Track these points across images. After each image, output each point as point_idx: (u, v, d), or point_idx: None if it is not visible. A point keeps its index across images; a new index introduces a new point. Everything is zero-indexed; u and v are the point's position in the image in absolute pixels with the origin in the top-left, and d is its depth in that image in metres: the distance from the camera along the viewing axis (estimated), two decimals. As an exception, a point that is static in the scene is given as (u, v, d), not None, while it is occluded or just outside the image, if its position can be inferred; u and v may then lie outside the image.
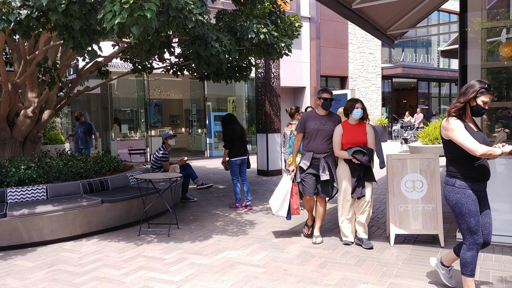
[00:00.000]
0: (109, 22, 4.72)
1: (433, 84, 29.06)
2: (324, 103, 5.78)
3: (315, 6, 20.68)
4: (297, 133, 5.91)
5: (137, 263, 5.17)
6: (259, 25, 7.41)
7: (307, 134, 5.78)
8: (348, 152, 5.46)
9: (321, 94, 5.80)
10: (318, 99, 5.80)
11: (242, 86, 19.08)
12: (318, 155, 5.71)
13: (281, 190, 5.89)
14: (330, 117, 5.81)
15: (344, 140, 5.56)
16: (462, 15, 5.71)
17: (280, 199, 5.84)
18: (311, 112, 5.90)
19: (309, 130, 5.73)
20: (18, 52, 7.93)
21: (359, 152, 5.41)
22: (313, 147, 5.72)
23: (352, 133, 5.58)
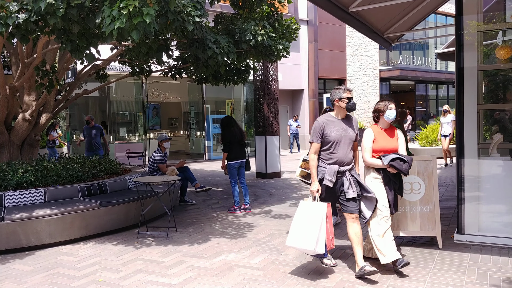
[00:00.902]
0: (108, 27, 4.73)
1: (431, 86, 29.11)
2: (349, 104, 4.75)
3: (313, 9, 20.72)
4: (312, 144, 4.77)
5: (136, 266, 5.17)
6: (257, 27, 7.43)
7: (327, 144, 4.71)
8: (384, 160, 4.75)
9: (341, 94, 4.75)
10: (339, 100, 4.74)
11: (241, 89, 19.10)
12: (342, 167, 4.70)
13: (309, 220, 4.55)
14: (349, 121, 4.85)
15: (375, 147, 4.88)
16: (458, 18, 5.73)
17: (314, 232, 4.46)
18: (326, 117, 4.83)
19: (330, 138, 4.68)
20: (16, 56, 7.94)
21: (397, 159, 4.71)
22: (340, 159, 4.69)
23: (385, 139, 4.91)
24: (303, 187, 10.55)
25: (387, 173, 4.81)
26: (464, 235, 5.67)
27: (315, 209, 4.57)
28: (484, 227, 5.65)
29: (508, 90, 6.11)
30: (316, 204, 4.61)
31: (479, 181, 5.70)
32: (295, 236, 4.59)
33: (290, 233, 4.64)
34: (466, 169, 5.69)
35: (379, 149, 4.87)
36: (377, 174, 4.88)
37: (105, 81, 10.34)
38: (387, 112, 4.87)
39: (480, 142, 5.76)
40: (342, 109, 4.78)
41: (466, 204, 5.69)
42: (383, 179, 4.85)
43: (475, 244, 5.53)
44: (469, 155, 5.69)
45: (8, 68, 9.09)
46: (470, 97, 5.66)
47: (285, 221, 7.21)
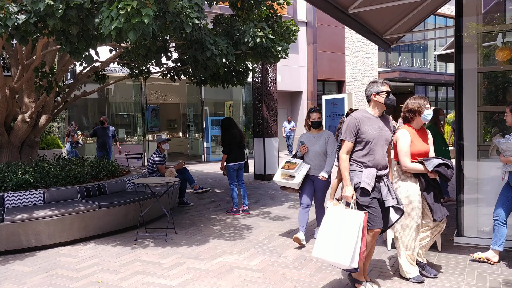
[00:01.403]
0: (106, 28, 4.73)
1: (430, 88, 29.15)
2: (389, 98, 4.20)
3: (312, 11, 20.74)
4: (344, 142, 4.20)
5: (134, 267, 5.16)
6: (256, 28, 7.44)
7: (362, 144, 4.15)
8: (428, 166, 4.34)
9: (379, 87, 4.21)
10: (376, 94, 4.20)
11: (239, 91, 19.11)
12: (380, 171, 4.17)
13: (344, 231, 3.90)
14: (386, 120, 4.33)
15: (412, 150, 4.46)
16: (457, 19, 5.73)
17: (350, 246, 3.83)
18: (362, 112, 4.28)
19: (367, 137, 4.13)
20: (15, 57, 7.93)
21: (442, 164, 4.34)
22: (376, 161, 4.16)
23: (420, 141, 4.51)
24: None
25: (427, 179, 4.43)
26: (463, 237, 5.67)
27: (351, 218, 3.94)
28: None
29: (507, 92, 6.11)
30: (352, 213, 3.99)
31: (479, 183, 5.70)
32: (325, 247, 3.95)
33: (318, 242, 4.02)
34: (466, 171, 5.69)
35: (416, 152, 4.46)
36: (414, 180, 4.46)
37: (104, 82, 10.34)
38: (425, 113, 4.45)
39: (479, 144, 5.76)
40: (380, 105, 4.23)
41: (465, 206, 5.69)
42: (420, 185, 4.46)
43: (474, 246, 5.52)
44: (469, 157, 5.69)
45: (8, 70, 9.09)
46: (470, 99, 5.66)
47: (284, 222, 7.21)
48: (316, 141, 5.96)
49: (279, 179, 6.01)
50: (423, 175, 4.44)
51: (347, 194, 4.06)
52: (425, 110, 4.44)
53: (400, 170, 4.54)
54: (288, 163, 6.01)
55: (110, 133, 12.31)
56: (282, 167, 6.04)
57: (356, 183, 4.12)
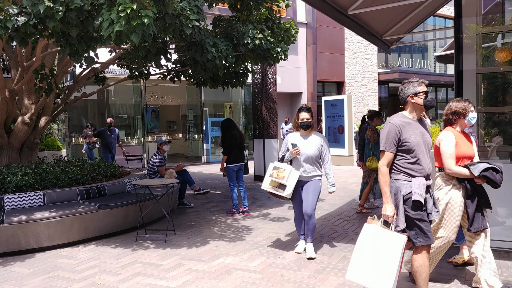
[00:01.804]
0: (106, 30, 4.74)
1: (430, 89, 29.14)
2: (428, 99, 3.81)
3: (311, 12, 20.76)
4: (384, 153, 3.77)
5: (134, 269, 5.16)
6: (255, 30, 7.44)
7: (406, 152, 3.72)
8: (473, 170, 3.99)
9: (416, 87, 3.81)
10: (414, 95, 3.79)
11: (239, 92, 19.11)
12: (428, 181, 3.77)
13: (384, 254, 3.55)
14: (423, 123, 3.94)
15: (457, 153, 4.13)
16: (457, 20, 5.74)
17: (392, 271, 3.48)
18: (400, 118, 3.82)
19: (411, 145, 3.71)
20: (15, 59, 7.94)
21: (489, 169, 3.97)
22: (424, 171, 3.76)
23: (465, 144, 4.19)
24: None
25: (473, 184, 4.08)
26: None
27: (392, 241, 3.56)
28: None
29: (507, 93, 6.12)
30: (393, 235, 3.60)
31: (478, 184, 5.69)
32: (362, 270, 3.61)
33: (353, 264, 3.67)
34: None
35: (461, 155, 4.13)
36: (458, 186, 4.14)
37: (104, 84, 10.35)
38: (470, 115, 4.19)
39: (479, 145, 5.76)
40: (419, 107, 3.81)
41: (465, 207, 5.68)
42: (464, 192, 4.13)
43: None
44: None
45: (8, 72, 9.11)
46: (469, 100, 5.65)
47: (284, 224, 7.21)
48: (308, 143, 5.46)
49: (268, 188, 5.58)
50: (468, 180, 4.09)
51: (387, 213, 3.65)
52: (470, 112, 4.18)
53: (442, 176, 4.23)
54: (276, 169, 5.48)
55: (114, 135, 12.37)
56: (270, 174, 5.52)
57: (406, 194, 3.69)
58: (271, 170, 5.54)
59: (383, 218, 3.70)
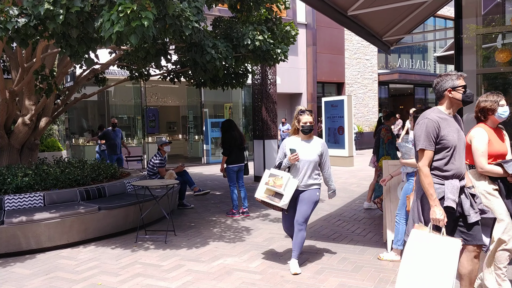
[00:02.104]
0: (107, 31, 4.74)
1: (430, 90, 29.15)
2: (467, 94, 3.53)
3: (311, 13, 20.77)
4: (424, 152, 3.45)
5: (134, 270, 5.16)
6: (255, 31, 7.45)
7: (441, 150, 3.44)
8: (507, 168, 3.76)
9: (454, 81, 3.52)
10: (452, 89, 3.52)
11: (239, 93, 19.11)
12: (462, 182, 3.51)
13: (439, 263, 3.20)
14: (458, 120, 3.65)
15: (489, 151, 3.90)
16: (457, 21, 5.74)
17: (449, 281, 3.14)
18: (437, 113, 3.51)
19: (449, 143, 3.44)
20: (15, 60, 7.94)
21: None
22: (458, 170, 3.49)
23: (497, 141, 3.95)
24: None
25: (506, 183, 3.86)
26: None
27: (446, 247, 3.22)
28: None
29: (508, 94, 6.12)
30: (446, 240, 3.27)
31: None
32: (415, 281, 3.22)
33: (403, 276, 3.27)
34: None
35: (494, 153, 3.91)
36: (492, 186, 3.91)
37: (104, 85, 10.35)
38: (499, 110, 3.91)
39: None
40: (456, 102, 3.53)
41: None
42: (500, 191, 3.87)
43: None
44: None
45: (8, 73, 9.11)
46: (469, 101, 5.65)
47: (284, 224, 7.21)
48: (308, 148, 5.02)
49: (263, 197, 5.13)
50: (501, 179, 3.88)
51: (437, 217, 3.31)
52: (499, 107, 3.89)
53: (473, 174, 4.01)
54: (273, 176, 5.03)
55: (119, 134, 12.40)
56: (265, 182, 5.08)
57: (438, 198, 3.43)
58: (266, 178, 5.08)
59: (431, 223, 3.37)
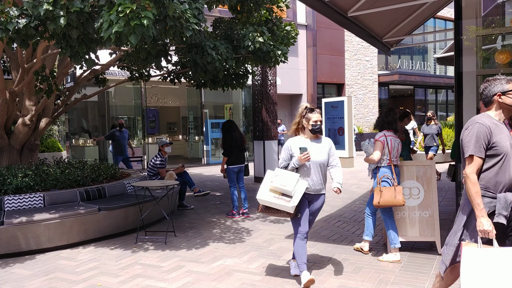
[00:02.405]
0: (106, 31, 4.74)
1: (430, 91, 29.17)
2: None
3: (312, 14, 20.78)
4: (473, 158, 3.20)
5: (134, 271, 5.16)
6: (256, 33, 7.45)
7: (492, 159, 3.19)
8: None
9: (504, 85, 3.31)
10: (502, 94, 3.31)
11: (239, 94, 19.13)
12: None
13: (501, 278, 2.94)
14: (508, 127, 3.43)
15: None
16: (457, 22, 5.75)
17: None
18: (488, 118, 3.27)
19: (501, 150, 3.19)
20: (16, 61, 7.95)
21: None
22: (508, 183, 3.21)
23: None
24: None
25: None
26: None
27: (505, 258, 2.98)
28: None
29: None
30: (504, 251, 3.00)
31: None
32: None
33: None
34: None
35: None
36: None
37: (104, 85, 10.36)
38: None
39: None
40: (507, 108, 3.30)
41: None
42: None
43: (474, 248, 5.51)
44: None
45: (8, 73, 9.12)
46: (470, 102, 5.67)
47: (283, 226, 7.21)
48: (318, 149, 4.62)
49: (268, 198, 4.49)
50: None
51: (485, 228, 3.06)
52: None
53: None
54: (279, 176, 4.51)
55: (126, 135, 12.44)
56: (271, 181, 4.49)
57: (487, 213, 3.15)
58: (272, 177, 4.50)
59: (480, 236, 3.11)
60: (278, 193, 4.45)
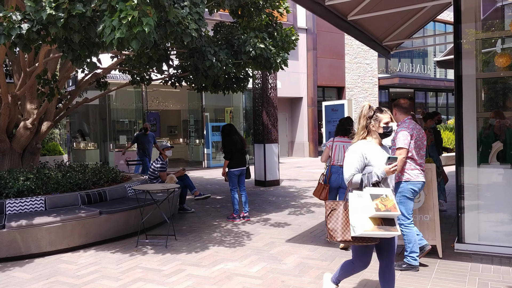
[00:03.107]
0: (108, 37, 4.77)
1: (430, 94, 29.20)
2: None
3: (312, 18, 20.84)
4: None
5: (135, 274, 5.17)
6: (256, 39, 7.48)
7: None
8: None
9: None
10: None
11: (240, 97, 19.16)
12: None
13: None
14: None
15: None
16: (456, 26, 5.77)
17: None
18: None
19: None
20: (18, 64, 7.97)
21: None
22: None
23: None
24: (303, 195, 10.54)
25: None
26: (464, 244, 5.67)
27: None
28: (484, 236, 5.65)
29: (507, 98, 6.14)
30: None
31: (479, 190, 5.70)
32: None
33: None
34: (466, 178, 5.69)
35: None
36: None
37: (106, 89, 10.39)
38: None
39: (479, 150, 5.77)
40: None
41: (466, 213, 5.70)
42: None
43: (475, 253, 5.53)
44: (469, 163, 5.70)
45: (10, 77, 9.14)
46: (469, 105, 5.68)
47: (284, 229, 7.22)
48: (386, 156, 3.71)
49: (373, 230, 3.42)
50: None
51: None
52: None
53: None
54: (376, 197, 3.47)
55: (151, 139, 12.51)
56: (374, 207, 3.41)
57: None
58: (370, 201, 3.45)
59: None
60: (380, 221, 3.48)
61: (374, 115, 3.82)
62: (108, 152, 16.47)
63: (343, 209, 3.61)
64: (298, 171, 16.01)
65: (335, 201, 3.68)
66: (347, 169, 3.69)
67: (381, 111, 3.84)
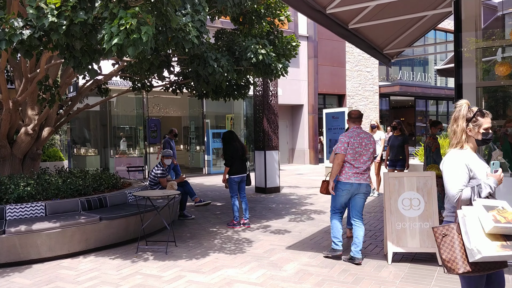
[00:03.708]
0: (108, 43, 4.80)
1: (431, 102, 29.22)
2: None
3: (313, 26, 20.92)
4: None
5: (135, 280, 5.16)
6: (258, 45, 7.51)
7: None
8: None
9: None
10: None
11: (241, 104, 19.20)
12: None
13: None
14: None
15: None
16: (456, 34, 5.80)
17: None
18: None
19: None
20: (19, 70, 8.00)
21: None
22: None
23: None
24: (303, 202, 10.53)
25: None
26: None
27: None
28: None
29: (507, 106, 6.16)
30: None
31: (479, 197, 5.69)
32: None
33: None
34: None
35: None
36: None
37: (107, 95, 10.41)
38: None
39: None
40: None
41: (465, 219, 5.68)
42: None
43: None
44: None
45: (11, 83, 9.17)
46: (469, 114, 5.68)
47: (284, 236, 7.21)
48: (485, 165, 3.31)
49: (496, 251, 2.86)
50: None
51: None
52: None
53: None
54: (492, 209, 2.96)
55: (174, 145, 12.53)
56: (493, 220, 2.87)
57: None
58: (487, 217, 2.90)
59: None
60: (502, 237, 2.92)
61: (474, 117, 3.27)
62: (108, 158, 16.49)
63: (457, 233, 3.03)
64: (299, 178, 16.01)
65: (445, 225, 3.08)
66: (453, 185, 3.13)
67: (482, 114, 3.26)
